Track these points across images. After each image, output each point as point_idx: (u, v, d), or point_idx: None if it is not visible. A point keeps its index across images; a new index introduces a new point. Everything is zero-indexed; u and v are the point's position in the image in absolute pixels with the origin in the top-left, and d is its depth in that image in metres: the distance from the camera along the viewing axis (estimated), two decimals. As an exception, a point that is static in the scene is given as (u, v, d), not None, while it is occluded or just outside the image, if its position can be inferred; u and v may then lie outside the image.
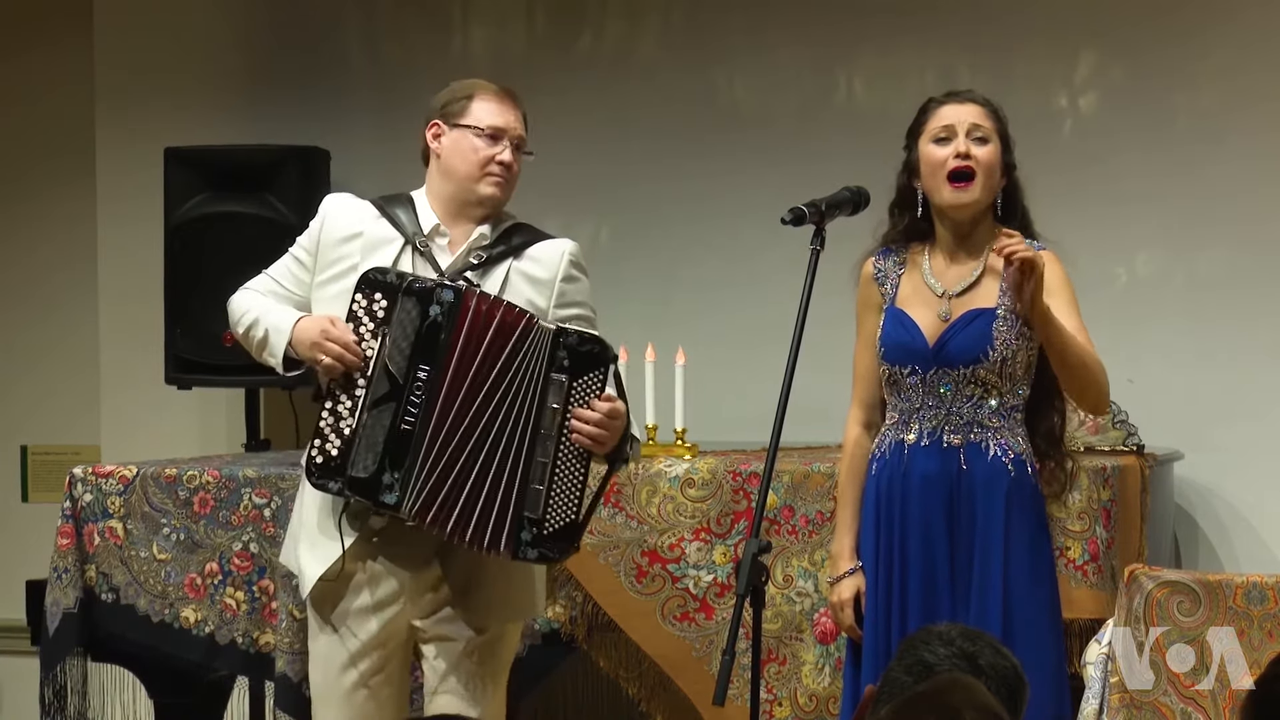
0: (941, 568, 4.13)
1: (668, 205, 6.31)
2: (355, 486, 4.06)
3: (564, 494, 4.07)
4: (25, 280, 7.09)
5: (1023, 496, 4.13)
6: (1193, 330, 5.85)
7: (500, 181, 4.22)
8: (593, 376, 4.05)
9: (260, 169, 6.12)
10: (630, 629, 4.99)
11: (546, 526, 4.05)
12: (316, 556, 4.18)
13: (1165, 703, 4.46)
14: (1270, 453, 5.75)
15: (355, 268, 4.15)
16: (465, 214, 4.23)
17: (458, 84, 4.32)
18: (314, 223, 4.30)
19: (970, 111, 4.17)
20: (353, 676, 4.20)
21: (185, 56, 6.71)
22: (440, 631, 4.20)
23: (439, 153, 4.25)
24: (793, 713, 4.88)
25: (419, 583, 4.18)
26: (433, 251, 4.18)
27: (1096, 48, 6.01)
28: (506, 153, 4.22)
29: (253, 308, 4.24)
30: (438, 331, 4.04)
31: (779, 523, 4.91)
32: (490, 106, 4.25)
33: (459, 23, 6.59)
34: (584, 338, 4.06)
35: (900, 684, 2.95)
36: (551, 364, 4.04)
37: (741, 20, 6.28)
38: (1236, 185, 5.83)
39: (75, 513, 5.20)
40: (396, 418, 4.05)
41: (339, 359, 4.06)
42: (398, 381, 4.05)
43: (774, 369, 3.95)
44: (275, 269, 4.31)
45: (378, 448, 4.05)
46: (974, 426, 4.12)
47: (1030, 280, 4.01)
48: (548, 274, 4.23)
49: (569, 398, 4.04)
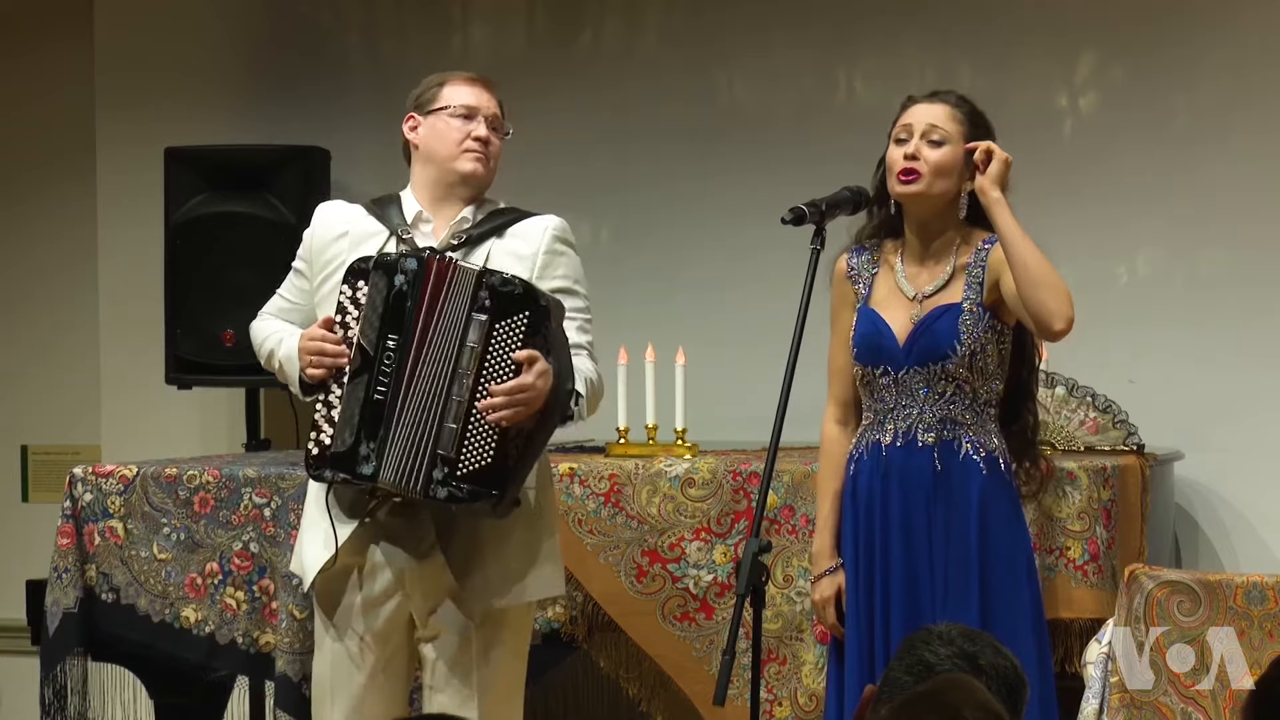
0: (922, 567, 4.14)
1: (668, 205, 6.31)
2: (336, 462, 4.06)
3: (480, 434, 3.99)
4: (25, 280, 7.09)
5: (997, 494, 4.14)
6: (1193, 330, 5.84)
7: (479, 156, 4.26)
8: (515, 320, 4.00)
9: (260, 169, 6.12)
10: (630, 629, 4.99)
11: (461, 466, 3.99)
12: (316, 551, 4.19)
13: (1165, 703, 4.46)
14: (1270, 453, 5.75)
15: (345, 265, 4.18)
16: (450, 197, 4.27)
17: (429, 77, 4.37)
18: (306, 232, 4.36)
19: (934, 113, 4.19)
20: (361, 671, 4.21)
21: (185, 56, 6.71)
22: (439, 629, 4.19)
23: (417, 143, 4.30)
24: (793, 713, 4.88)
25: (421, 571, 4.17)
26: (414, 238, 4.22)
27: (1096, 48, 6.01)
28: (481, 128, 4.26)
29: (268, 338, 4.31)
30: (403, 300, 4.06)
31: (779, 523, 4.91)
32: (461, 88, 4.30)
33: (459, 23, 6.59)
34: (506, 279, 4.03)
35: (900, 684, 2.95)
36: (474, 304, 4.01)
37: (742, 20, 6.28)
38: (1236, 185, 5.82)
39: (75, 512, 5.20)
40: (369, 389, 4.05)
41: (319, 351, 4.08)
42: (368, 354, 4.06)
43: (774, 369, 3.95)
44: (283, 286, 4.38)
45: (353, 421, 4.05)
46: (946, 424, 4.13)
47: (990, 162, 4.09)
48: (530, 248, 4.25)
49: (489, 338, 4.00)
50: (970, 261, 4.19)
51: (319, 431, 4.10)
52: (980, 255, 4.18)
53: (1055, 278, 4.04)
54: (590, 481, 5.00)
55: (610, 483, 5.00)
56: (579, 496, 4.99)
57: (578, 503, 4.98)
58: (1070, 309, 4.04)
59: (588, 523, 5.00)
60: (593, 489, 4.99)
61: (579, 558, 4.98)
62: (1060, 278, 4.06)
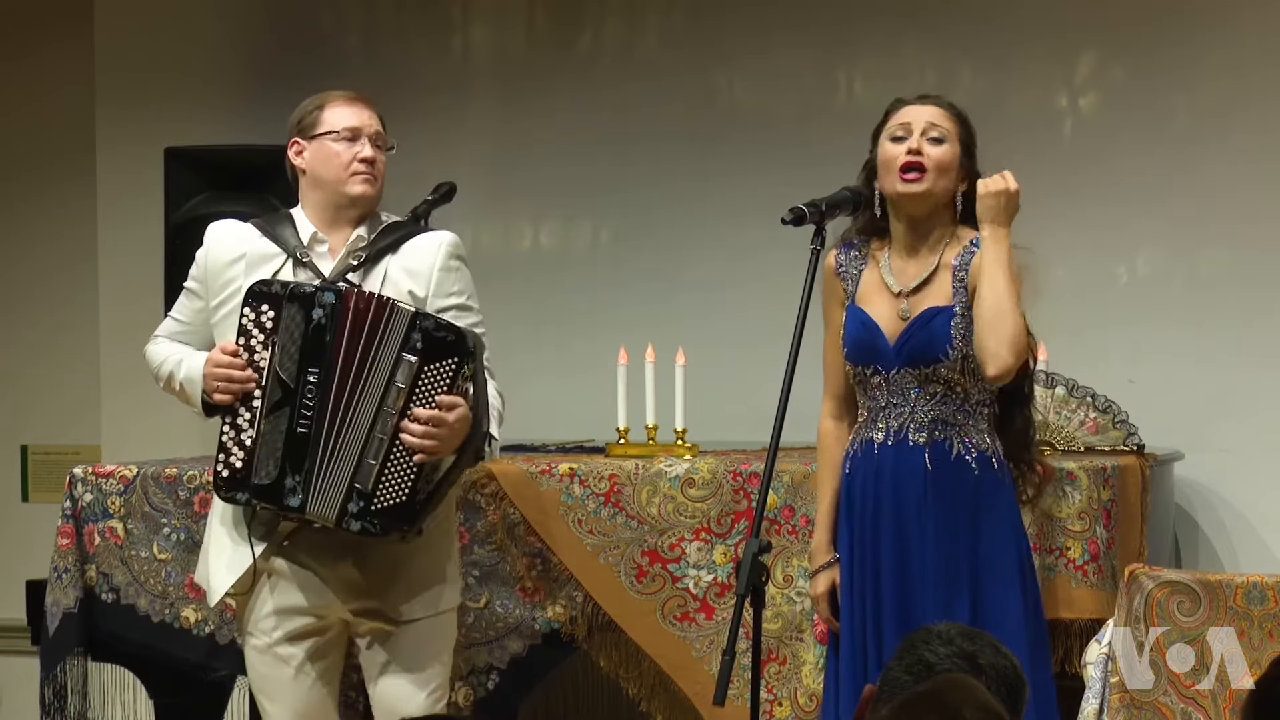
0: (916, 566, 4.15)
1: (668, 205, 6.31)
2: (260, 494, 4.17)
3: (396, 474, 4.12)
4: (25, 280, 7.09)
5: (990, 494, 4.14)
6: (1193, 330, 5.84)
7: (368, 178, 4.32)
8: (443, 365, 4.11)
9: (260, 169, 6.11)
10: (630, 629, 4.99)
11: (376, 502, 4.12)
12: (227, 567, 4.30)
13: (1165, 703, 4.46)
14: (1270, 453, 5.75)
15: (242, 289, 4.25)
16: (341, 219, 4.33)
17: (307, 100, 4.44)
18: (199, 252, 4.43)
19: (930, 112, 4.21)
20: (289, 666, 4.33)
21: (185, 56, 6.71)
22: (372, 624, 4.31)
23: (304, 168, 4.38)
24: (793, 713, 4.88)
25: (337, 577, 4.28)
26: (314, 260, 4.29)
27: (1096, 48, 6.01)
28: (367, 149, 4.32)
29: (166, 360, 4.41)
30: (322, 334, 4.14)
31: (779, 523, 4.91)
32: (341, 110, 4.37)
33: (459, 23, 6.59)
34: (440, 324, 4.14)
35: (900, 683, 2.95)
36: (405, 344, 4.11)
37: (742, 20, 6.28)
38: (1237, 185, 5.82)
39: (75, 513, 5.20)
40: (292, 422, 4.16)
41: (226, 378, 4.18)
42: (289, 387, 4.15)
43: (774, 369, 3.96)
44: (176, 308, 4.48)
45: (277, 453, 4.16)
46: (938, 424, 4.14)
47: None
48: (425, 265, 4.31)
49: (416, 380, 4.11)
50: (957, 263, 4.19)
51: (228, 454, 4.20)
52: (966, 258, 4.18)
53: (1006, 325, 4.03)
54: (590, 481, 5.00)
55: (610, 483, 4.99)
56: (579, 496, 4.99)
57: (578, 503, 4.98)
58: (1010, 357, 4.05)
59: (588, 523, 5.00)
60: (593, 489, 4.99)
61: (579, 558, 4.98)
62: (1015, 324, 4.04)
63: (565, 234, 6.40)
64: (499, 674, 5.02)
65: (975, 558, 4.13)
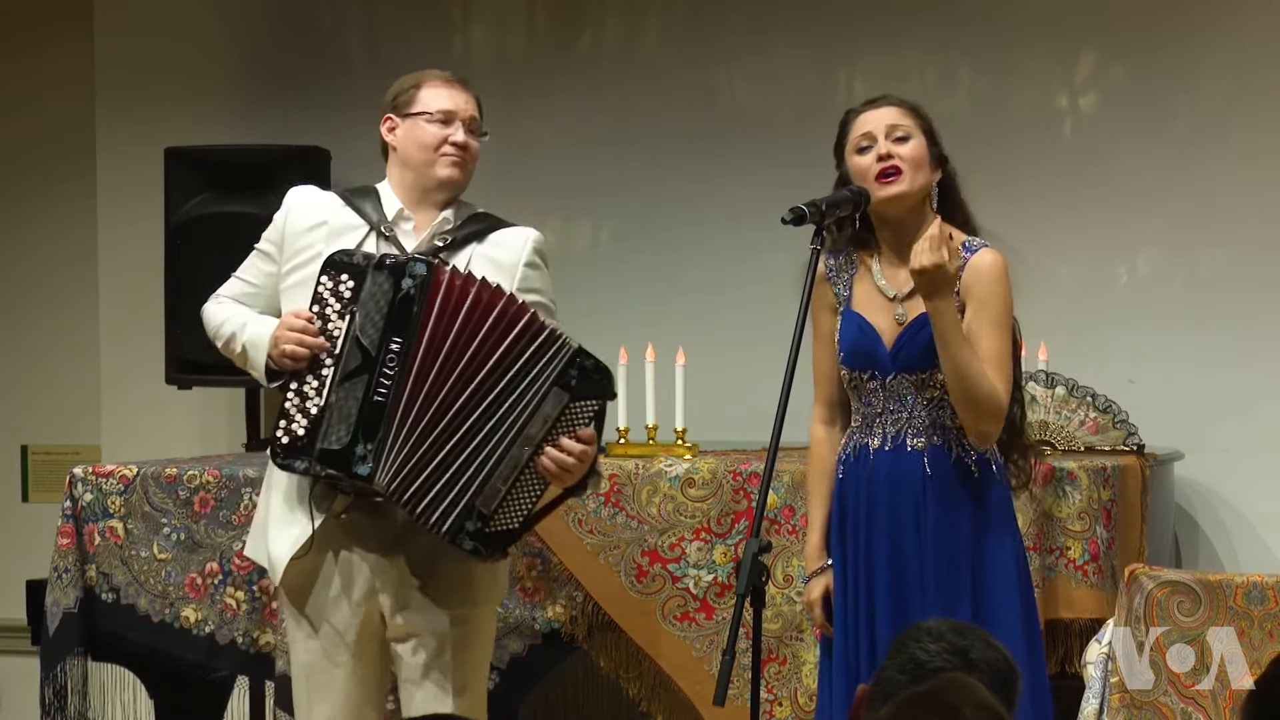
0: (911, 571, 4.13)
1: (668, 205, 6.31)
2: (326, 459, 4.05)
3: (518, 501, 4.08)
4: (25, 280, 7.09)
5: (988, 497, 4.13)
6: (1193, 330, 5.85)
7: (457, 161, 4.25)
8: (588, 404, 4.08)
9: (260, 169, 6.12)
10: (630, 629, 5.00)
11: (492, 525, 4.06)
12: (285, 541, 4.16)
13: (1165, 703, 4.47)
14: (1270, 453, 5.75)
15: (319, 256, 4.16)
16: (427, 200, 4.26)
17: (405, 77, 4.35)
18: (278, 215, 4.33)
19: (886, 114, 4.19)
20: (337, 665, 4.21)
21: (185, 56, 6.71)
22: (411, 629, 4.20)
23: (394, 145, 4.29)
24: (793, 713, 4.88)
25: (386, 566, 4.18)
26: (398, 236, 4.22)
27: (1096, 48, 6.01)
28: (459, 133, 4.25)
29: (228, 320, 4.27)
30: (410, 304, 4.06)
31: (779, 523, 4.91)
32: (438, 91, 4.28)
33: (459, 23, 6.59)
34: (600, 366, 4.10)
35: (894, 683, 2.94)
36: (561, 378, 4.07)
37: (742, 20, 6.29)
38: (1237, 185, 5.83)
39: (75, 513, 5.21)
40: (369, 390, 4.05)
41: (299, 343, 4.06)
42: (370, 354, 4.06)
43: (774, 369, 3.95)
44: (243, 269, 4.34)
45: (350, 419, 4.04)
46: (937, 429, 4.12)
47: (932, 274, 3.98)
48: (511, 258, 4.25)
49: (561, 415, 4.07)
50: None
51: (291, 421, 4.07)
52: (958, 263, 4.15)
53: (974, 396, 3.98)
54: (590, 481, 5.00)
55: (610, 483, 5.00)
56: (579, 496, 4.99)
57: (578, 503, 4.97)
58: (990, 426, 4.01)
59: (588, 523, 5.00)
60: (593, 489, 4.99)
61: (579, 558, 4.98)
62: (983, 392, 3.98)
63: (565, 234, 6.40)
64: (499, 674, 5.01)
65: (976, 560, 4.12)
